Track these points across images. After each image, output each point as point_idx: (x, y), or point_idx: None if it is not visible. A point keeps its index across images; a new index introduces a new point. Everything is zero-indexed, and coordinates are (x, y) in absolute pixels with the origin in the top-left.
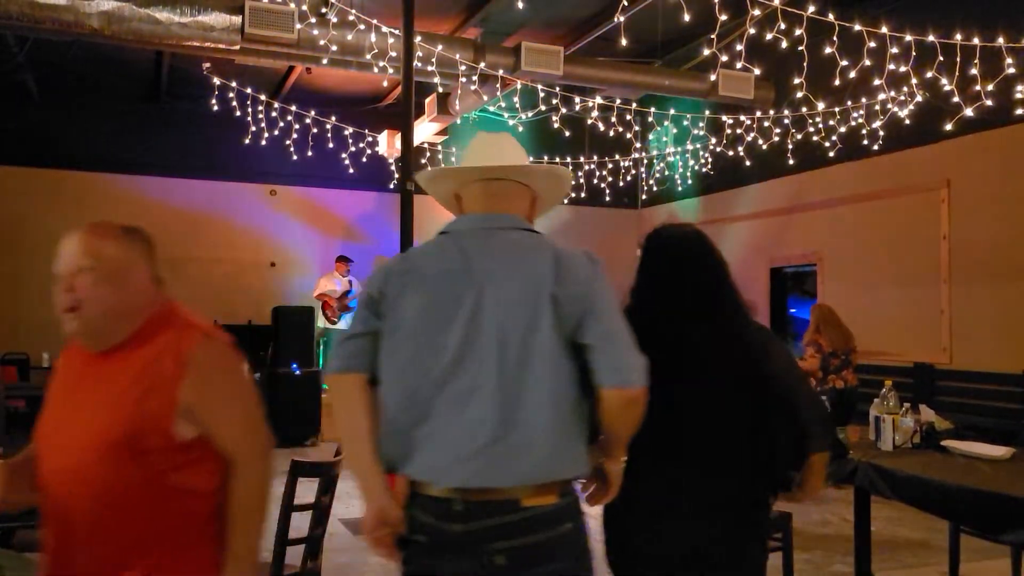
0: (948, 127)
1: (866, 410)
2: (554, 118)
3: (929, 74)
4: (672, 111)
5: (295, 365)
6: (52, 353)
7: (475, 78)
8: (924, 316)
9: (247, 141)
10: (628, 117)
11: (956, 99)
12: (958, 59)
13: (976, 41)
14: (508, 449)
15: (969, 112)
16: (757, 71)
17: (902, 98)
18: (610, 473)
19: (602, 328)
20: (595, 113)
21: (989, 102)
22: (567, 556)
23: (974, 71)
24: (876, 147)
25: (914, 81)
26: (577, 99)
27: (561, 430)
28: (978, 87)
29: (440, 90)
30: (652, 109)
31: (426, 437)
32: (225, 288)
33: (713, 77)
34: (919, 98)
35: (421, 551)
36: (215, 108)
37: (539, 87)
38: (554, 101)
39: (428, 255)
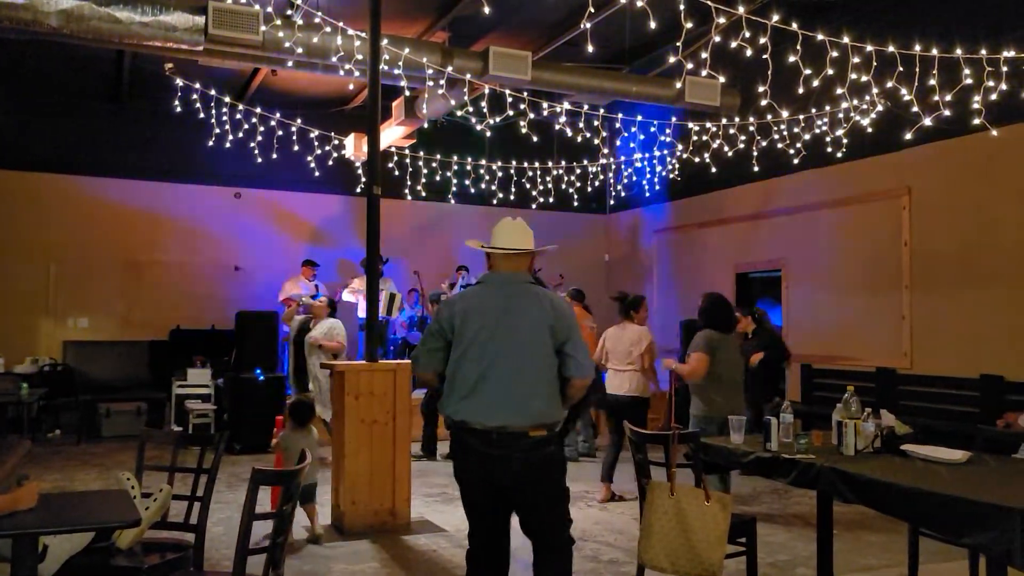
0: (908, 136)
1: (829, 415)
2: (522, 123)
3: (889, 84)
4: (639, 117)
5: (259, 371)
6: (8, 358)
7: (443, 82)
8: (886, 321)
9: (211, 143)
10: (596, 123)
11: (916, 108)
12: (917, 69)
13: (934, 52)
14: (524, 406)
15: (928, 121)
16: (722, 79)
17: (864, 107)
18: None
19: (575, 344)
20: (563, 118)
21: (947, 112)
22: (552, 467)
23: (933, 81)
24: (839, 155)
25: (875, 90)
26: (545, 104)
27: (548, 395)
28: (937, 97)
29: (407, 93)
30: (620, 115)
31: (480, 398)
32: (188, 292)
33: (679, 84)
34: (880, 107)
35: (473, 463)
36: (178, 109)
37: (507, 92)
38: (522, 106)
39: (481, 297)
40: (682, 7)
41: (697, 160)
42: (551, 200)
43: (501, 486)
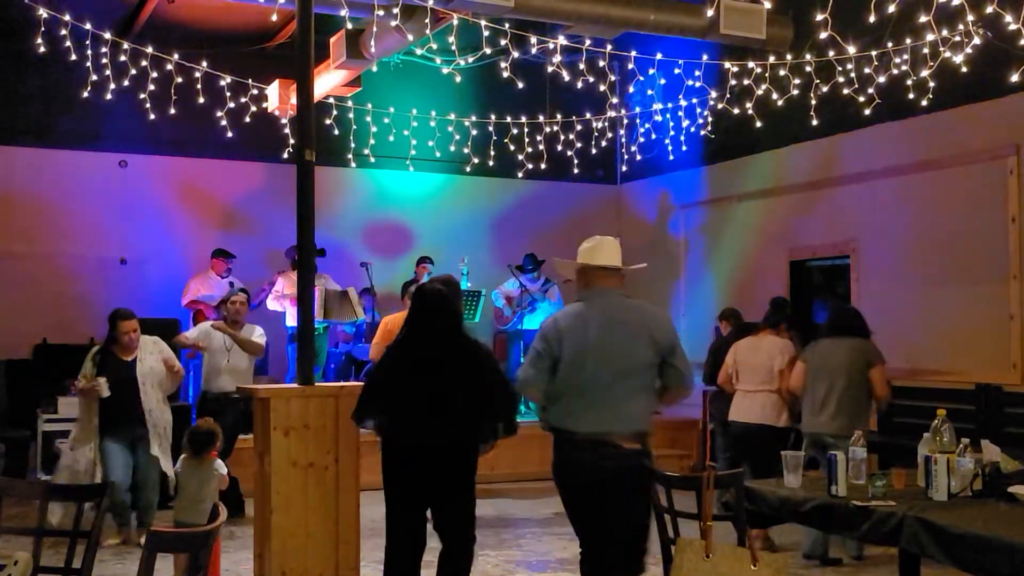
0: (1015, 77)
1: (913, 447)
2: (503, 64)
3: (990, 8)
4: (660, 56)
5: None
6: None
7: (396, 11)
8: (988, 323)
9: (86, 94)
10: (602, 64)
11: None
12: None
13: None
14: (622, 416)
15: None
16: (769, 3)
17: (956, 38)
18: None
19: (680, 355)
20: (558, 58)
21: None
22: (641, 477)
23: None
24: (925, 102)
25: (971, 18)
26: (534, 40)
27: (645, 405)
28: None
29: (350, 26)
30: (633, 53)
31: (578, 408)
32: (58, 294)
33: (712, 11)
34: (978, 40)
35: (570, 465)
36: (41, 49)
37: (483, 23)
38: (503, 42)
39: (584, 312)
40: None
41: (737, 112)
42: (543, 166)
43: (594, 482)
